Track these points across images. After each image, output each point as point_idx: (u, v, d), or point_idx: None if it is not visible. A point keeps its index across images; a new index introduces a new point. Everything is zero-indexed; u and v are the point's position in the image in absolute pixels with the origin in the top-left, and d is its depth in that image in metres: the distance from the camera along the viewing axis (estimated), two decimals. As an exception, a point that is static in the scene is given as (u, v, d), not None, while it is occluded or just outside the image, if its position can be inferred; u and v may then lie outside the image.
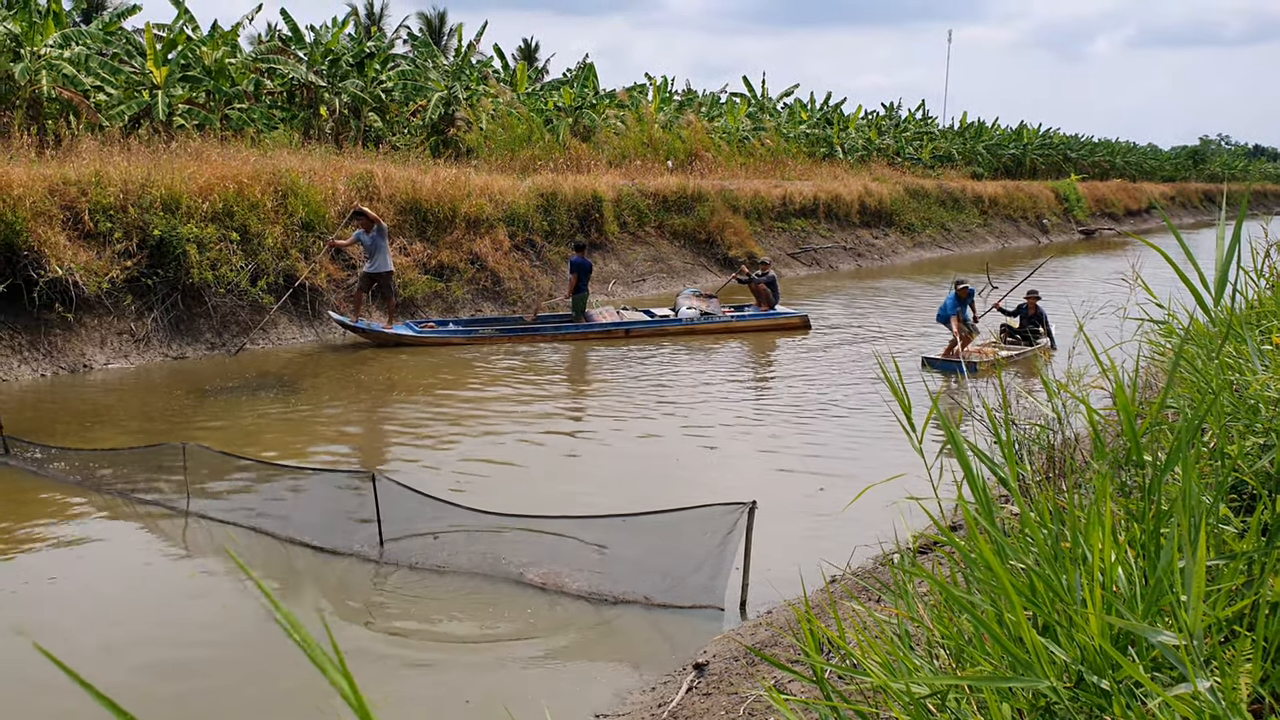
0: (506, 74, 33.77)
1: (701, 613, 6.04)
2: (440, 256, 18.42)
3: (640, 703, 4.98)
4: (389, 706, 4.90)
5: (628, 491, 8.35)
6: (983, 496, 2.22)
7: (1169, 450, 2.41)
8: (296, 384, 12.59)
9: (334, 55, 25.78)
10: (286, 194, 16.44)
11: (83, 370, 12.98)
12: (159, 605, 6.26)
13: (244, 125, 22.66)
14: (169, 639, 5.71)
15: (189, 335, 14.41)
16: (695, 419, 11.03)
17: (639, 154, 29.72)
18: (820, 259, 29.05)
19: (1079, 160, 63.98)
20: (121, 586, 6.57)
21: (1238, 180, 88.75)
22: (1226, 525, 2.56)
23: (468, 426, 10.63)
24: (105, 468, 8.52)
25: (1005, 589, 1.70)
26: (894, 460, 7.61)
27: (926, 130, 52.58)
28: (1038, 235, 43.39)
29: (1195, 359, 3.93)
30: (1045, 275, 28.38)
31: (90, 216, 13.90)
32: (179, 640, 5.70)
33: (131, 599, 6.39)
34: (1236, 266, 3.68)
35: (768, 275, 18.29)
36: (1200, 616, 1.66)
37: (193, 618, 6.06)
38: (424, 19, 46.96)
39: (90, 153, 15.84)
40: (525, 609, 6.11)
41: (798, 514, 7.76)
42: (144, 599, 6.37)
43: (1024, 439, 5.30)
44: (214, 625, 5.97)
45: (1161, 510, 2.16)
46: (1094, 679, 1.75)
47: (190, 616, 6.09)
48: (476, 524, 6.64)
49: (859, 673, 2.11)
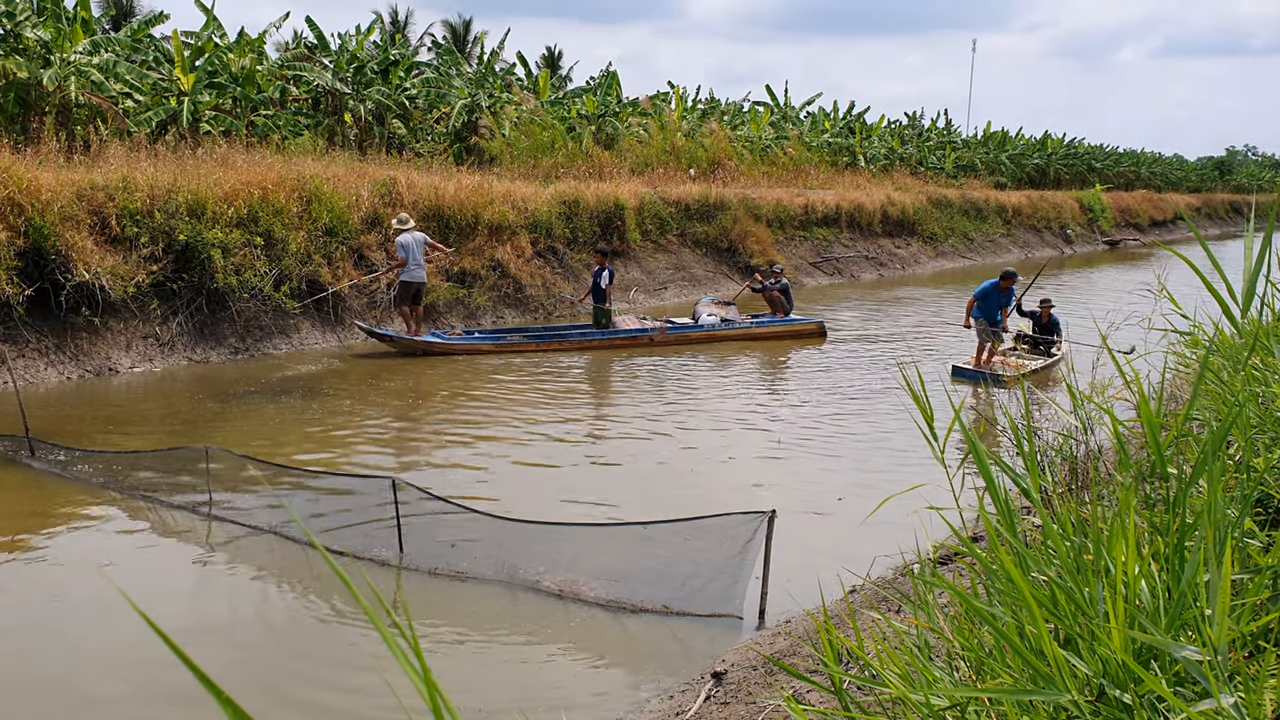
0: (530, 81, 33.90)
1: (720, 621, 6.02)
2: (462, 263, 18.48)
3: (658, 710, 4.97)
4: (403, 711, 4.90)
5: (647, 499, 8.33)
6: (1004, 507, 2.20)
7: (1194, 463, 2.39)
8: (319, 389, 12.65)
9: (359, 62, 25.94)
10: (310, 200, 16.54)
11: (108, 374, 13.09)
12: (181, 606, 6.29)
13: (269, 132, 22.83)
14: (186, 640, 5.73)
15: (213, 340, 14.51)
16: (714, 427, 11.01)
17: (661, 162, 29.75)
18: (842, 268, 28.97)
19: (1104, 170, 63.66)
20: (143, 588, 6.61)
21: (1264, 191, 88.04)
22: (1251, 539, 2.53)
23: (490, 433, 10.65)
24: (129, 470, 8.58)
25: (1026, 601, 1.69)
26: (915, 470, 7.56)
27: (949, 140, 52.40)
28: (1062, 246, 43.14)
29: (1221, 371, 3.90)
30: (1070, 285, 28.20)
31: (117, 221, 14.02)
32: (200, 642, 5.72)
33: (153, 600, 6.42)
34: (1265, 278, 3.65)
35: (780, 283, 18.27)
36: (1225, 631, 1.64)
37: (213, 620, 6.09)
38: (448, 26, 47.10)
39: (118, 158, 16.00)
40: (543, 616, 6.11)
41: (818, 523, 7.74)
42: (165, 600, 6.40)
43: (1047, 450, 5.27)
44: (235, 627, 6.00)
45: (1186, 524, 2.14)
46: (1116, 693, 1.74)
47: (210, 618, 6.12)
48: (496, 530, 6.64)
49: (878, 683, 2.10)
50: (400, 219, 15.85)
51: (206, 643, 5.71)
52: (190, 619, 6.10)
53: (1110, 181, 61.22)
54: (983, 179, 48.34)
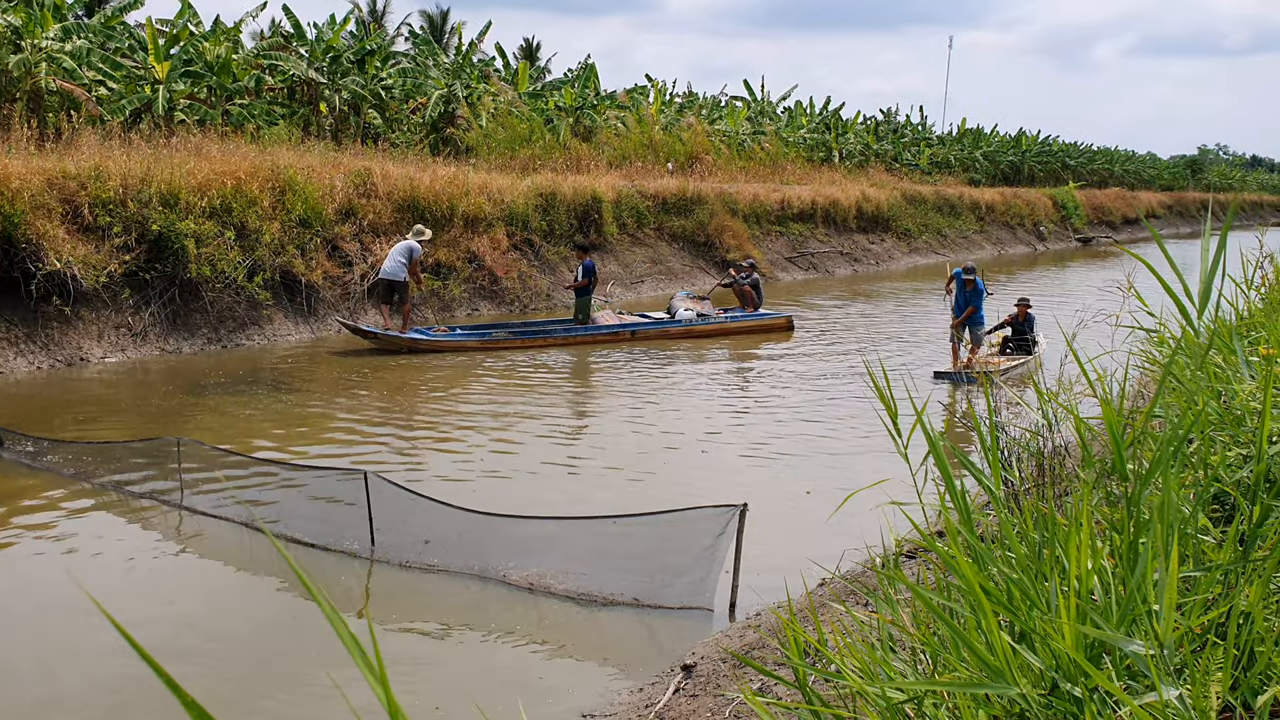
0: (508, 73, 33.80)
1: (691, 614, 6.06)
2: (437, 255, 18.44)
3: (628, 703, 5.00)
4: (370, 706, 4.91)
5: (619, 493, 8.37)
6: (962, 504, 2.25)
7: (1151, 461, 2.44)
8: (292, 382, 12.61)
9: (335, 52, 25.79)
10: (284, 190, 16.46)
11: (79, 363, 13.00)
12: (149, 598, 6.27)
13: (244, 121, 22.69)
14: (158, 632, 5.72)
15: (185, 330, 14.43)
16: (687, 421, 11.06)
17: (639, 155, 29.75)
18: (817, 263, 29.09)
19: (1077, 168, 64.09)
20: (112, 579, 6.58)
21: (1235, 190, 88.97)
22: (1206, 536, 2.58)
23: (464, 426, 10.65)
24: (100, 461, 8.53)
25: (977, 596, 1.73)
26: (887, 464, 7.63)
27: (925, 136, 52.64)
28: (1034, 243, 43.47)
29: (1184, 370, 3.96)
30: (1042, 283, 28.42)
31: (89, 210, 13.92)
32: (168, 633, 5.71)
33: (122, 592, 6.40)
34: (1221, 278, 3.71)
35: (752, 277, 18.40)
36: (1172, 626, 1.68)
37: (182, 612, 6.08)
38: (426, 17, 47.00)
39: (90, 146, 15.87)
40: (514, 609, 6.13)
41: (789, 517, 7.79)
42: (134, 592, 6.38)
43: (1015, 446, 5.34)
44: (204, 619, 5.99)
45: (1140, 521, 2.18)
46: (1068, 686, 1.78)
47: (180, 611, 6.10)
48: (466, 524, 6.65)
49: (839, 677, 2.14)
50: (416, 229, 15.96)
51: (175, 636, 5.70)
52: (159, 611, 6.09)
53: (1084, 179, 61.63)
54: (957, 176, 48.60)
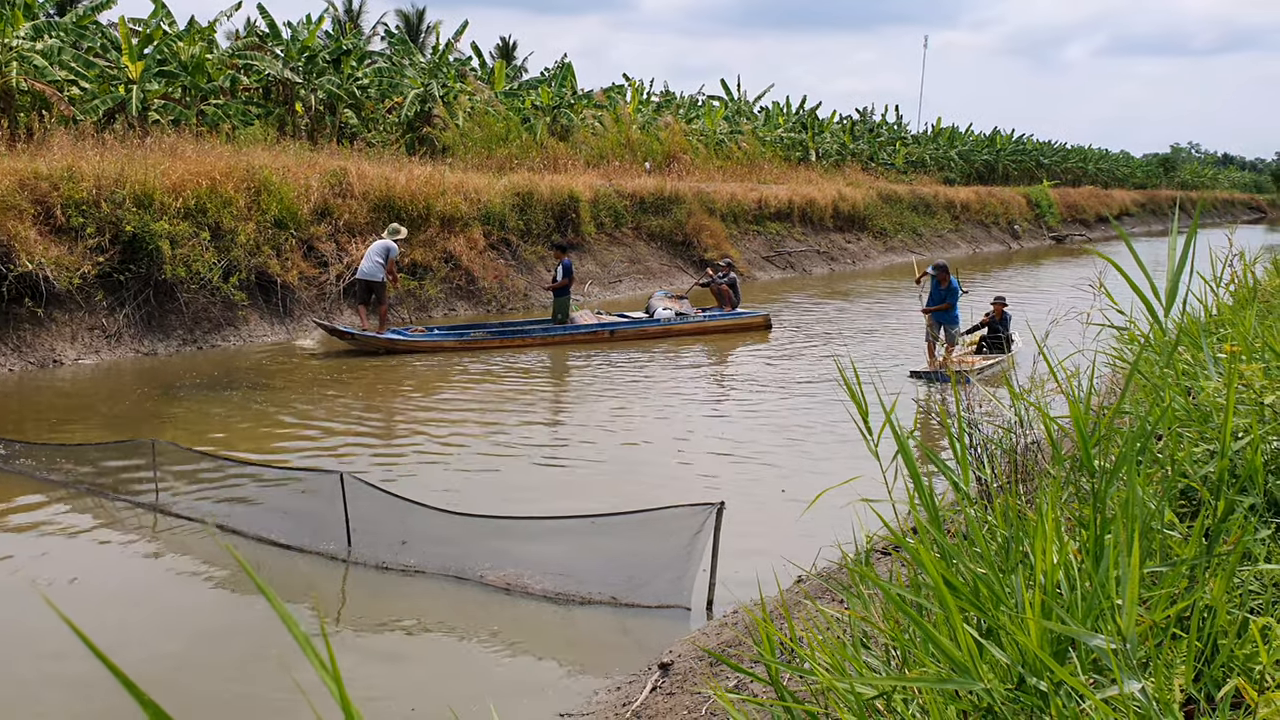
0: (484, 72, 33.72)
1: (668, 613, 6.07)
2: (414, 255, 18.38)
3: (605, 702, 5.01)
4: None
5: (599, 493, 8.38)
6: (929, 502, 2.27)
7: (1116, 457, 2.48)
8: (268, 382, 12.55)
9: (310, 52, 25.67)
10: (259, 191, 16.38)
11: (52, 365, 12.89)
12: (123, 602, 6.24)
13: (219, 121, 22.57)
14: (131, 635, 5.69)
15: (160, 331, 14.34)
16: (664, 420, 11.08)
17: (617, 155, 29.76)
18: (794, 262, 29.18)
19: (1051, 167, 64.53)
20: (87, 582, 6.54)
21: (1207, 188, 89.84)
22: (1172, 531, 2.62)
23: (441, 427, 10.63)
24: (73, 463, 8.47)
25: (942, 592, 1.75)
26: (861, 462, 7.67)
27: (900, 135, 52.87)
28: (1009, 241, 43.74)
29: (1152, 367, 4.01)
30: (1016, 281, 28.61)
31: (62, 211, 13.81)
32: (140, 636, 5.69)
33: (93, 596, 6.36)
34: (1189, 276, 3.76)
35: (729, 276, 18.47)
36: (1134, 620, 1.71)
37: (155, 616, 6.05)
38: (402, 16, 46.82)
39: (63, 147, 15.74)
40: (491, 609, 6.13)
41: (766, 515, 7.81)
42: (106, 595, 6.34)
43: (988, 443, 5.38)
44: (177, 623, 5.96)
45: (1106, 517, 2.22)
46: (1034, 681, 1.81)
47: (153, 614, 6.07)
48: (443, 524, 6.65)
49: (812, 674, 2.16)
50: (391, 228, 15.83)
51: (145, 641, 5.67)
52: (132, 615, 6.06)
53: (1058, 178, 62.05)
54: (932, 175, 48.84)
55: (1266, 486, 2.71)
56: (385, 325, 15.31)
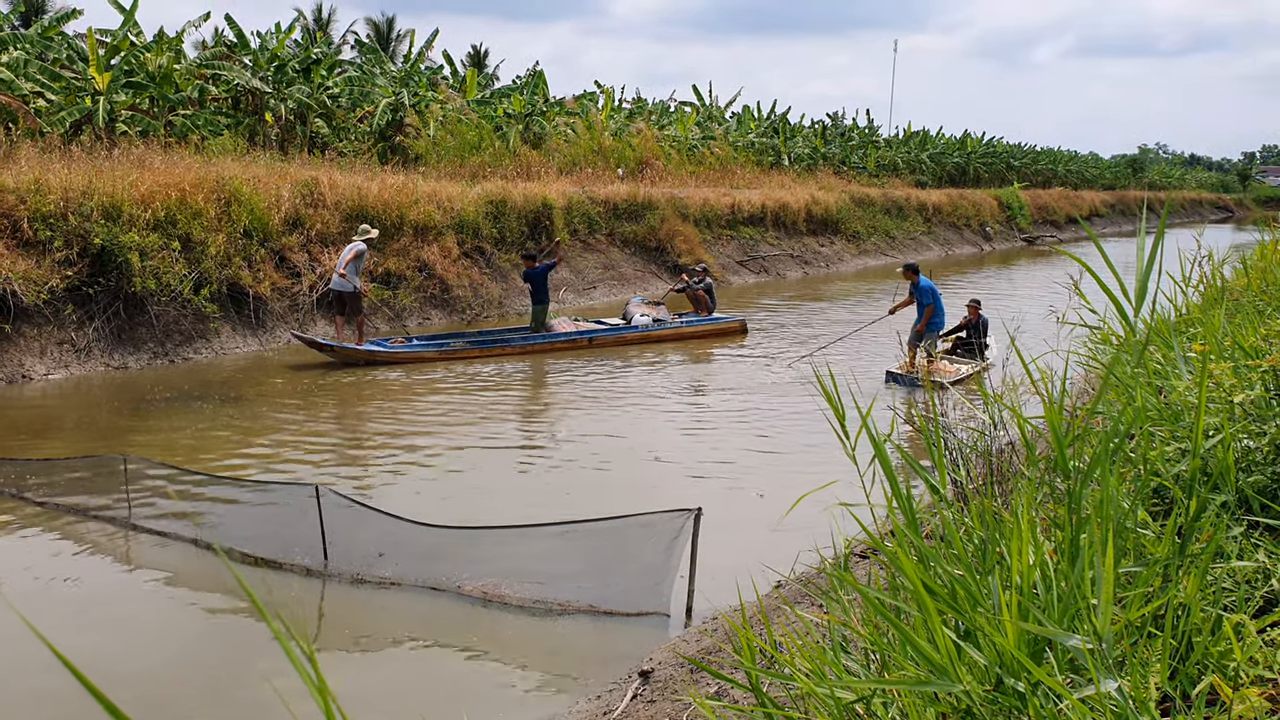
0: (456, 80, 33.64)
1: (647, 620, 6.07)
2: (387, 264, 18.31)
3: (586, 710, 5.00)
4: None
5: (574, 500, 8.36)
6: (907, 505, 2.28)
7: (1090, 458, 2.49)
8: (241, 395, 12.46)
9: (280, 61, 25.53)
10: (230, 201, 16.27)
11: (21, 381, 12.75)
12: (93, 618, 6.17)
13: (188, 132, 22.37)
14: (98, 658, 5.63)
15: (131, 345, 14.21)
16: (640, 427, 11.08)
17: (589, 161, 29.76)
18: (768, 266, 29.26)
19: (1022, 169, 64.99)
20: (59, 599, 6.47)
21: (1175, 188, 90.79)
22: (1146, 530, 2.64)
23: (418, 438, 10.59)
24: (43, 479, 8.38)
25: (919, 595, 1.76)
26: (838, 466, 7.69)
27: (871, 139, 53.13)
28: (981, 243, 44.03)
29: (1124, 367, 4.04)
30: (990, 283, 28.81)
31: (29, 224, 13.66)
32: (113, 651, 5.63)
33: (64, 612, 6.29)
34: (1159, 276, 3.80)
35: (705, 282, 18.53)
36: (1110, 620, 1.72)
37: (126, 633, 5.99)
38: (372, 24, 46.62)
39: (29, 160, 15.56)
40: (468, 620, 6.10)
41: (744, 521, 7.82)
42: (77, 612, 6.27)
43: (965, 446, 5.41)
44: (150, 640, 5.90)
45: (1081, 517, 2.23)
46: (1012, 682, 1.81)
47: (123, 631, 6.01)
48: (420, 536, 6.61)
49: (791, 679, 2.16)
50: (361, 229, 15.72)
51: (116, 658, 5.61)
52: (102, 632, 5.99)
53: (1028, 179, 62.52)
54: (904, 178, 49.08)
55: (1238, 484, 2.73)
56: (363, 337, 15.22)
